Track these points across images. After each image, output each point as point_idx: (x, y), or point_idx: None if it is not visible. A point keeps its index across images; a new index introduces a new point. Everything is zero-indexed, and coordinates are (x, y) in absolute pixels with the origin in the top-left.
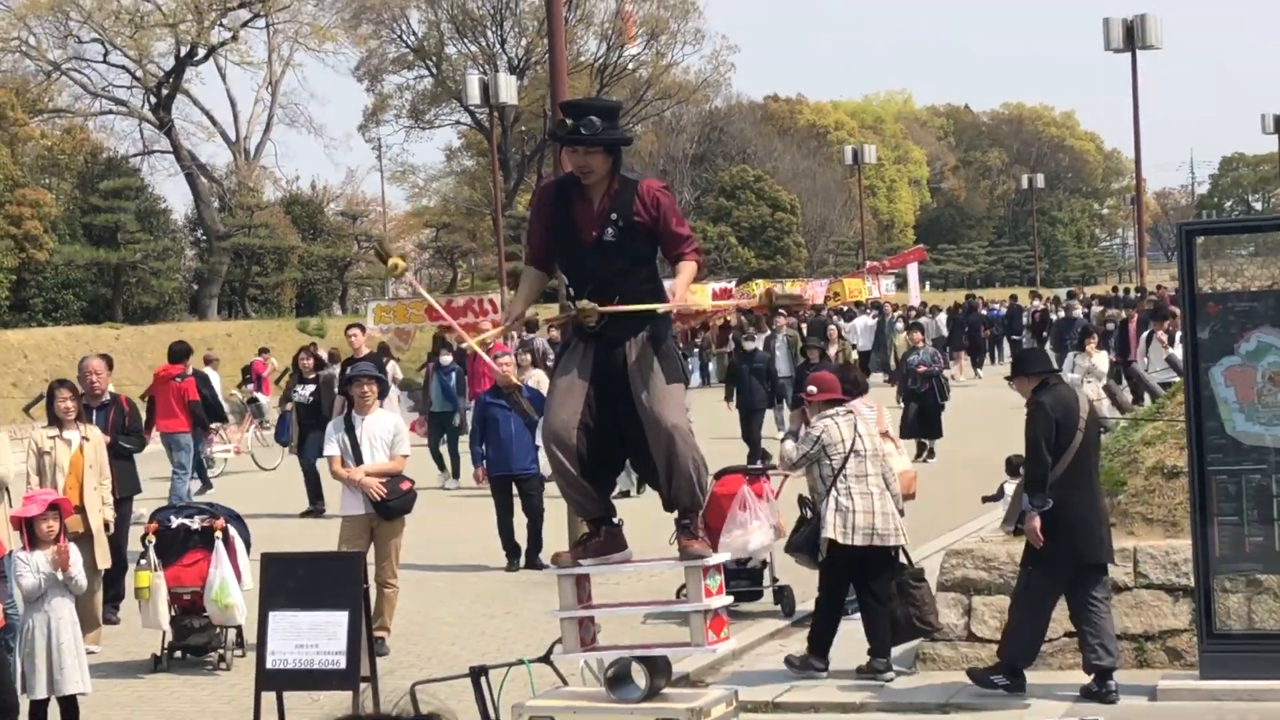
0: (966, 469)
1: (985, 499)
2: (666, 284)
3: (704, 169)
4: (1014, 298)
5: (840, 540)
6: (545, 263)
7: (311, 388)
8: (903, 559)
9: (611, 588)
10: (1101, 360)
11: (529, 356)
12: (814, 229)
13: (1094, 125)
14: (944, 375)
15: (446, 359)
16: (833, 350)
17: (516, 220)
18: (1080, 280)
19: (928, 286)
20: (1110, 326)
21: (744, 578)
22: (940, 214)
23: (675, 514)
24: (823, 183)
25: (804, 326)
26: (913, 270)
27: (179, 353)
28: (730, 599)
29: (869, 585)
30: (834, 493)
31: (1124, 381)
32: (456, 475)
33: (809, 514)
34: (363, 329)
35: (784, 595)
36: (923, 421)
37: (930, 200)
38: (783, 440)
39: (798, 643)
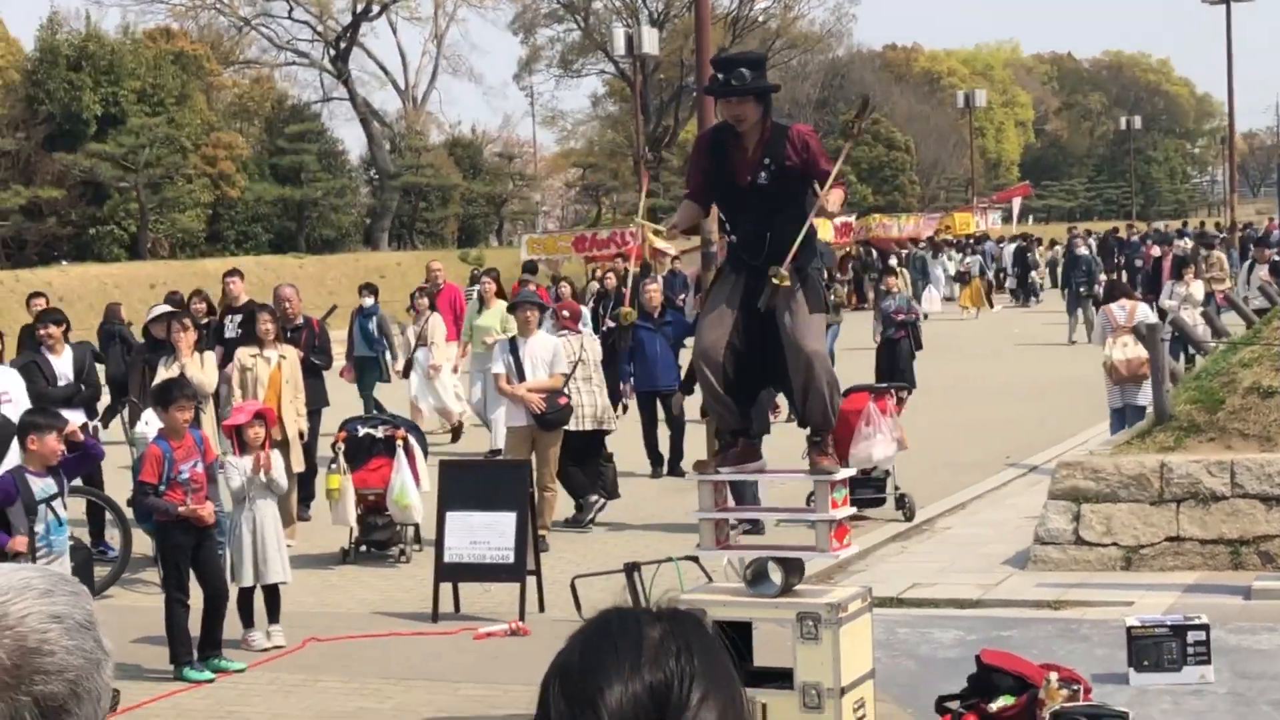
0: (1078, 387)
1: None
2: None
3: (826, 113)
4: (1115, 230)
5: (572, 428)
6: (703, 201)
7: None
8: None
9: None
10: (1198, 289)
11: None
12: (927, 167)
13: (1187, 71)
14: (919, 324)
15: (368, 301)
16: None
17: (656, 160)
18: (1173, 214)
19: (1030, 220)
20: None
21: (869, 486)
22: (1044, 153)
23: (808, 431)
24: (936, 125)
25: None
26: (1016, 204)
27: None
28: (853, 509)
29: (593, 458)
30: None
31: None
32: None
33: None
34: (241, 276)
35: (904, 502)
36: (893, 369)
37: (1035, 140)
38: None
39: (917, 544)
